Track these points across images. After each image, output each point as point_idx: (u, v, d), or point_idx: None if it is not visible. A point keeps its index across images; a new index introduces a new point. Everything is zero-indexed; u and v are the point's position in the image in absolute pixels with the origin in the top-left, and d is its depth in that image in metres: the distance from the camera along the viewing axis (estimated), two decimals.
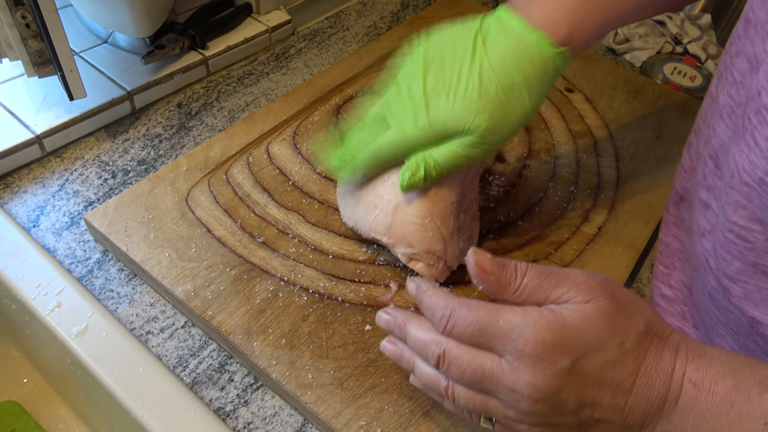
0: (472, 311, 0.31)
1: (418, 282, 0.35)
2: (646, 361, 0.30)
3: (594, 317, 0.30)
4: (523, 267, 0.32)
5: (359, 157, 0.44)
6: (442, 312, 0.32)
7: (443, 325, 0.32)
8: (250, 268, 0.48)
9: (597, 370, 0.30)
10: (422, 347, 0.33)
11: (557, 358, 0.29)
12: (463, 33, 0.42)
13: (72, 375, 0.47)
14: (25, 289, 0.47)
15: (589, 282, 0.31)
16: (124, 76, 0.63)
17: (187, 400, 0.42)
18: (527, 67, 0.40)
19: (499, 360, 0.30)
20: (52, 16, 0.50)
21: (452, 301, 0.32)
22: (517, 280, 0.31)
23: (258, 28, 0.73)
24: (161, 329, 0.46)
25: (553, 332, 0.29)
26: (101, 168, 0.57)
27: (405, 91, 0.42)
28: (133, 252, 0.48)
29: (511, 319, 0.30)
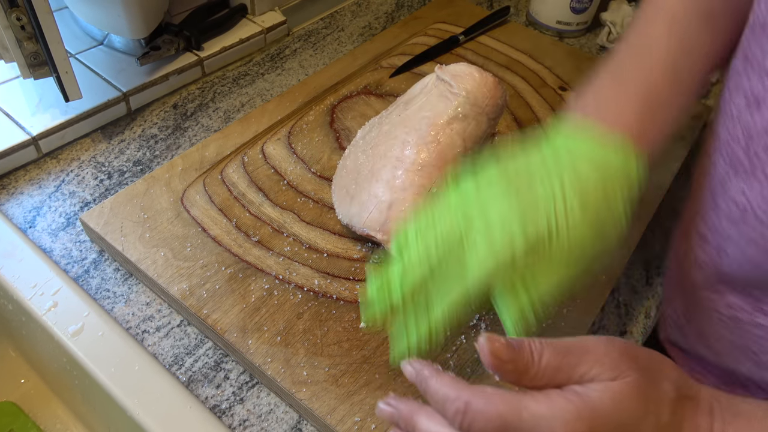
0: (490, 405, 0.28)
1: (418, 367, 0.31)
2: (684, 429, 0.29)
3: (624, 396, 0.28)
4: (538, 348, 0.29)
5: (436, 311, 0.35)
6: (455, 406, 0.28)
7: (458, 421, 0.28)
8: (245, 267, 0.48)
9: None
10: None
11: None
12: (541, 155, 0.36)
13: (68, 374, 0.47)
14: (22, 289, 0.47)
15: (611, 354, 0.29)
16: (119, 78, 0.64)
17: (183, 399, 0.42)
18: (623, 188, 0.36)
19: None
20: (47, 17, 0.50)
21: (464, 393, 0.28)
22: (535, 364, 0.29)
23: (253, 29, 0.73)
24: (157, 328, 0.46)
25: (584, 421, 0.27)
26: (97, 169, 0.58)
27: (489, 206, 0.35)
28: (129, 252, 0.48)
29: (535, 412, 0.27)
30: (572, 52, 0.77)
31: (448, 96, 0.45)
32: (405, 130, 0.45)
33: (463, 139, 0.44)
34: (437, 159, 0.44)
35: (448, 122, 0.44)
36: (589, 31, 0.86)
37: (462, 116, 0.44)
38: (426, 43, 0.75)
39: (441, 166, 0.44)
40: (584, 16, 0.82)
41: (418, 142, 0.44)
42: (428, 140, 0.44)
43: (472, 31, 0.77)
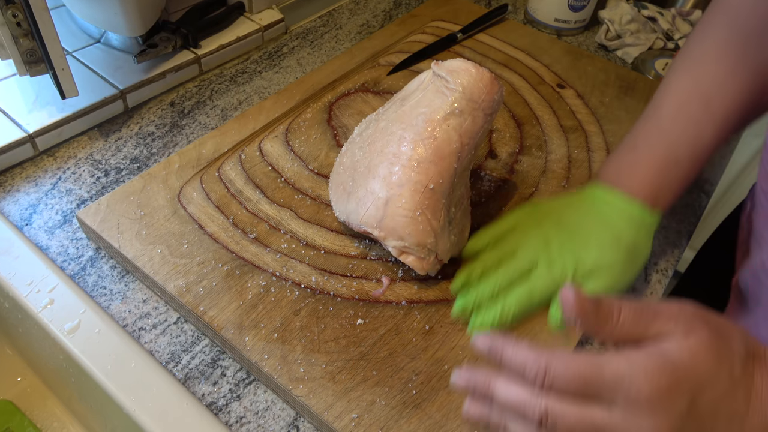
0: (572, 364, 0.29)
1: (489, 338, 0.32)
2: (755, 384, 0.30)
3: (700, 351, 0.29)
4: (617, 303, 0.31)
5: (510, 299, 0.46)
6: (535, 368, 0.30)
7: (540, 380, 0.30)
8: (242, 264, 0.48)
9: (713, 403, 0.29)
10: (518, 407, 0.30)
11: (675, 401, 0.28)
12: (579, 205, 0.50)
13: (65, 372, 0.47)
14: (18, 286, 0.47)
15: (684, 313, 0.31)
16: (116, 75, 0.64)
17: (180, 396, 0.42)
18: (645, 238, 0.48)
19: (608, 411, 0.29)
20: (43, 14, 0.50)
21: (544, 355, 0.30)
22: (614, 316, 0.31)
23: (250, 26, 0.73)
24: (154, 325, 0.46)
25: (666, 374, 0.28)
26: (94, 166, 0.58)
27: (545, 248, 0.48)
28: (126, 249, 0.48)
29: (617, 369, 0.29)
30: (570, 49, 0.77)
31: (444, 92, 0.45)
32: (401, 126, 0.45)
33: (460, 134, 0.44)
34: (434, 155, 0.44)
35: (444, 118, 0.44)
36: (588, 28, 0.86)
37: (458, 112, 0.44)
38: (424, 41, 0.75)
39: (437, 162, 0.44)
40: (582, 14, 0.82)
41: (414, 138, 0.44)
42: (424, 136, 0.44)
43: (470, 29, 0.77)
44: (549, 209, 0.51)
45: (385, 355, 0.43)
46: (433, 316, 0.46)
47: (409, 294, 0.47)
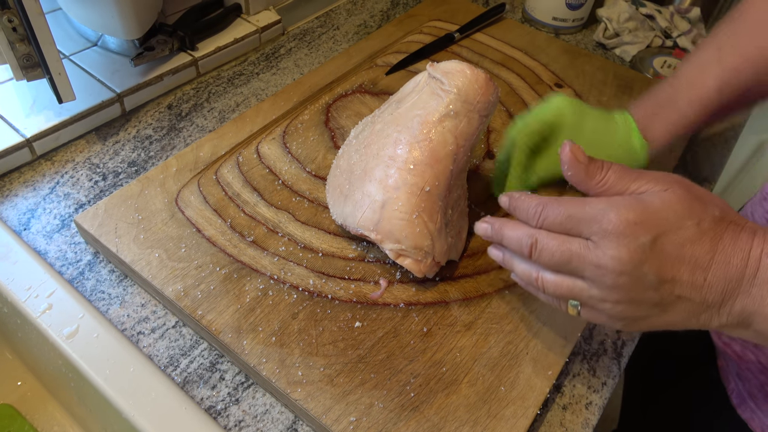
0: (562, 203, 0.35)
1: (510, 193, 0.39)
2: (723, 240, 0.32)
3: (672, 200, 0.33)
4: (607, 163, 0.36)
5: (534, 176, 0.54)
6: (534, 209, 0.36)
7: (536, 219, 0.36)
8: (240, 267, 0.48)
9: (676, 246, 0.32)
10: (517, 242, 0.37)
11: (639, 234, 0.32)
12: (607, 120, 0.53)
13: (64, 377, 0.47)
14: (16, 291, 0.47)
15: (666, 176, 0.34)
16: (113, 79, 0.64)
17: (179, 400, 0.42)
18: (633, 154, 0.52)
19: (585, 241, 0.34)
20: (39, 19, 0.50)
21: (543, 199, 0.36)
22: (602, 172, 0.35)
23: (248, 28, 0.73)
24: (152, 329, 0.46)
25: (636, 212, 0.32)
26: (92, 170, 0.58)
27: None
28: (124, 253, 0.48)
29: (596, 205, 0.33)
30: (568, 48, 0.77)
31: (439, 93, 0.44)
32: (397, 128, 0.45)
33: (455, 136, 0.44)
34: (429, 157, 0.43)
35: (439, 120, 0.44)
36: (585, 27, 0.85)
37: (453, 113, 0.44)
38: (421, 41, 0.75)
39: (433, 165, 0.44)
40: (580, 12, 0.81)
41: (410, 141, 0.44)
42: (420, 138, 0.44)
43: (468, 29, 0.77)
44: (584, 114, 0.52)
45: (383, 358, 0.43)
46: (431, 318, 0.46)
47: (406, 296, 0.47)
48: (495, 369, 0.43)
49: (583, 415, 0.44)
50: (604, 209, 0.33)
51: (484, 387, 0.42)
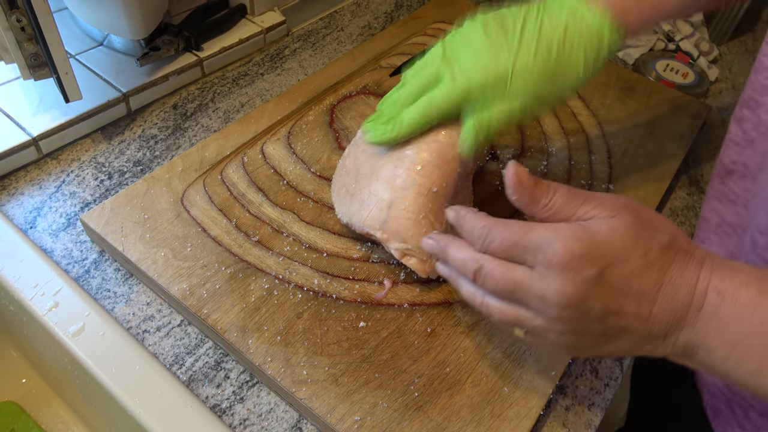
0: (507, 228, 0.33)
1: (457, 209, 0.37)
2: (671, 271, 0.31)
3: (618, 229, 0.31)
4: (554, 185, 0.34)
5: (405, 115, 0.44)
6: (480, 231, 0.34)
7: (481, 242, 0.34)
8: (245, 267, 0.48)
9: (622, 279, 0.31)
10: (461, 264, 0.35)
11: (584, 267, 0.31)
12: (522, 9, 0.43)
13: (70, 374, 0.47)
14: (23, 289, 0.47)
15: (614, 201, 0.33)
16: (119, 78, 0.64)
17: (184, 398, 0.42)
18: (587, 40, 0.41)
19: (530, 271, 0.32)
20: (47, 19, 0.50)
21: (489, 221, 0.34)
22: (548, 196, 0.34)
23: (252, 29, 0.73)
24: (157, 328, 0.46)
25: (581, 243, 0.31)
26: (97, 169, 0.58)
27: (462, 45, 0.43)
28: (129, 252, 0.48)
29: (542, 233, 0.32)
30: None
31: None
32: None
33: None
34: (438, 158, 0.44)
35: (448, 121, 0.44)
36: None
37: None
38: (425, 42, 0.75)
39: (441, 166, 0.44)
40: None
41: (418, 141, 0.44)
42: (428, 139, 0.44)
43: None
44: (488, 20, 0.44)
45: (388, 358, 0.43)
46: (435, 318, 0.46)
47: (411, 296, 0.47)
48: (498, 369, 0.44)
49: (586, 416, 0.44)
50: (549, 239, 0.31)
51: (487, 387, 0.42)
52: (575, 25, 0.41)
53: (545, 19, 0.41)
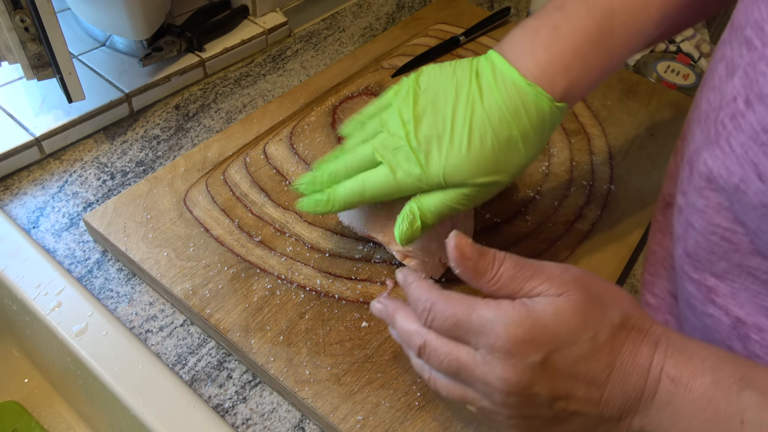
0: (450, 305, 0.31)
1: (405, 274, 0.35)
2: (622, 355, 0.30)
3: (566, 311, 0.30)
4: (501, 256, 0.32)
5: (339, 190, 0.43)
6: (423, 305, 0.33)
7: (424, 317, 0.33)
8: (248, 267, 0.48)
9: (569, 364, 0.29)
10: (407, 337, 0.34)
11: (528, 353, 0.29)
12: (456, 77, 0.40)
13: (72, 374, 0.47)
14: (26, 289, 0.47)
15: (563, 276, 0.31)
16: (122, 79, 0.64)
17: (187, 397, 0.42)
18: (524, 121, 0.38)
19: (474, 353, 0.31)
20: (51, 19, 0.50)
21: (433, 294, 0.32)
22: (493, 269, 0.31)
23: (255, 30, 0.73)
24: (160, 328, 0.47)
25: (524, 327, 0.29)
26: (100, 169, 0.58)
27: (396, 131, 0.40)
28: (132, 252, 0.48)
29: (484, 314, 0.30)
30: None
31: None
32: None
33: None
34: None
35: None
36: None
37: None
38: (427, 43, 0.75)
39: None
40: None
41: None
42: None
43: (473, 32, 0.77)
44: (428, 86, 0.41)
45: (390, 358, 0.43)
46: None
47: None
48: None
49: None
50: (491, 321, 0.30)
51: None
52: (511, 103, 0.38)
53: (477, 102, 0.38)
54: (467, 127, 0.38)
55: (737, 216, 0.32)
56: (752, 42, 0.29)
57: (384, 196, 0.42)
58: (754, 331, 0.34)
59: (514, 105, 0.38)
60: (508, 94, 0.38)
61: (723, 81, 0.33)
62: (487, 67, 0.39)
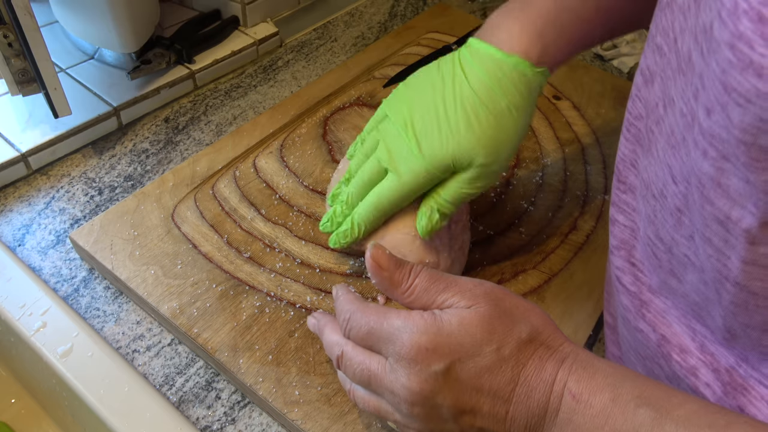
0: (365, 314, 0.32)
1: (337, 288, 0.36)
2: (527, 369, 0.30)
3: (471, 322, 0.30)
4: (417, 269, 0.33)
5: (359, 212, 0.44)
6: (343, 316, 0.34)
7: (344, 328, 0.34)
8: (237, 284, 0.47)
9: (473, 376, 0.29)
10: (329, 349, 0.35)
11: (431, 362, 0.29)
12: (441, 71, 0.42)
13: (58, 395, 0.46)
14: (10, 309, 0.46)
15: (474, 290, 0.32)
16: (110, 92, 0.63)
17: (174, 420, 0.41)
18: (511, 90, 0.40)
19: (384, 362, 0.31)
20: (35, 35, 0.50)
21: (353, 306, 0.33)
22: (408, 280, 0.32)
23: (245, 40, 0.73)
24: (147, 347, 0.46)
25: (429, 336, 0.30)
26: (88, 185, 0.57)
27: (394, 135, 0.42)
28: (119, 270, 0.47)
29: (393, 322, 0.31)
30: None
31: None
32: None
33: None
34: None
35: None
36: None
37: None
38: (419, 53, 0.75)
39: None
40: None
41: None
42: None
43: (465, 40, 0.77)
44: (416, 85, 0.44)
45: None
46: None
47: None
48: None
49: None
50: (398, 329, 0.30)
51: None
52: (494, 76, 0.40)
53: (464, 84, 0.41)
54: (460, 108, 0.40)
55: (657, 229, 0.32)
56: (662, 48, 0.30)
57: (400, 201, 0.43)
58: (677, 351, 0.34)
59: (497, 77, 0.40)
60: (490, 69, 0.40)
61: (641, 89, 0.34)
62: (467, 52, 0.42)
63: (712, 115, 0.24)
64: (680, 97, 0.28)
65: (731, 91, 0.22)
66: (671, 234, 0.31)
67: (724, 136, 0.24)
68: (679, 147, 0.28)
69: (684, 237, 0.30)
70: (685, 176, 0.28)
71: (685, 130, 0.27)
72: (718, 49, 0.22)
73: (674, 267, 0.32)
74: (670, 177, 0.30)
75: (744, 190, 0.24)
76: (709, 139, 0.25)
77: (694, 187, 0.27)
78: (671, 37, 0.29)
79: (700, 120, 0.25)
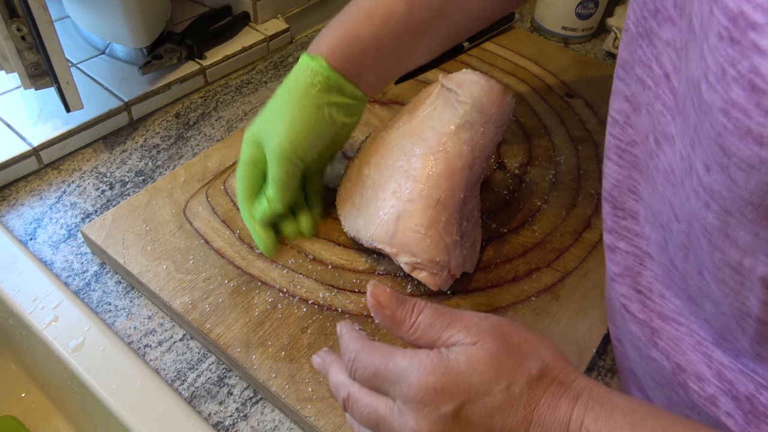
0: (370, 354, 0.31)
1: (341, 326, 0.35)
2: (540, 408, 0.28)
3: (479, 360, 0.29)
4: (420, 305, 0.31)
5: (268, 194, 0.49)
6: (348, 356, 0.32)
7: (349, 368, 0.32)
8: (249, 280, 0.47)
9: (484, 417, 0.28)
10: (335, 391, 0.33)
11: (440, 403, 0.28)
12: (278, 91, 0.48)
13: (69, 390, 0.46)
14: (22, 303, 0.46)
15: (480, 324, 0.30)
16: (121, 87, 0.63)
17: (186, 415, 0.41)
18: (294, 86, 0.46)
19: (392, 404, 0.30)
20: (48, 28, 0.49)
21: (358, 345, 0.32)
22: (411, 317, 0.31)
23: (256, 36, 0.73)
24: (159, 342, 0.45)
25: (436, 376, 0.28)
26: (99, 179, 0.57)
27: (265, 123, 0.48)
28: (131, 264, 0.47)
29: (399, 363, 0.29)
30: (578, 58, 0.76)
31: (453, 104, 0.44)
32: (411, 140, 0.44)
33: (471, 148, 0.43)
34: (445, 169, 0.43)
35: (455, 131, 0.43)
36: (595, 36, 0.85)
37: (469, 125, 0.43)
38: None
39: (449, 176, 0.43)
40: (590, 22, 0.81)
41: (425, 152, 0.43)
42: (435, 150, 0.43)
43: (477, 38, 0.76)
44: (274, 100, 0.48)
45: None
46: None
47: None
48: None
49: None
50: (405, 370, 0.29)
51: None
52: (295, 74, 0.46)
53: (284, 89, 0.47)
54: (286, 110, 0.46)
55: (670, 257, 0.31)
56: (645, 81, 0.29)
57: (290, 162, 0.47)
58: (693, 380, 0.33)
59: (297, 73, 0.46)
60: (296, 69, 0.46)
61: (629, 116, 0.33)
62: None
63: (712, 172, 0.23)
64: (680, 140, 0.27)
65: (731, 156, 0.21)
66: (683, 265, 0.30)
67: (726, 194, 0.23)
68: (678, 188, 0.27)
69: (694, 272, 0.29)
70: (688, 218, 0.27)
71: (683, 175, 0.27)
72: (710, 112, 0.22)
73: (692, 294, 0.32)
74: (672, 214, 0.29)
75: (754, 243, 0.23)
76: (710, 194, 0.24)
77: (700, 232, 0.26)
78: (657, 73, 0.28)
79: (699, 173, 0.24)
